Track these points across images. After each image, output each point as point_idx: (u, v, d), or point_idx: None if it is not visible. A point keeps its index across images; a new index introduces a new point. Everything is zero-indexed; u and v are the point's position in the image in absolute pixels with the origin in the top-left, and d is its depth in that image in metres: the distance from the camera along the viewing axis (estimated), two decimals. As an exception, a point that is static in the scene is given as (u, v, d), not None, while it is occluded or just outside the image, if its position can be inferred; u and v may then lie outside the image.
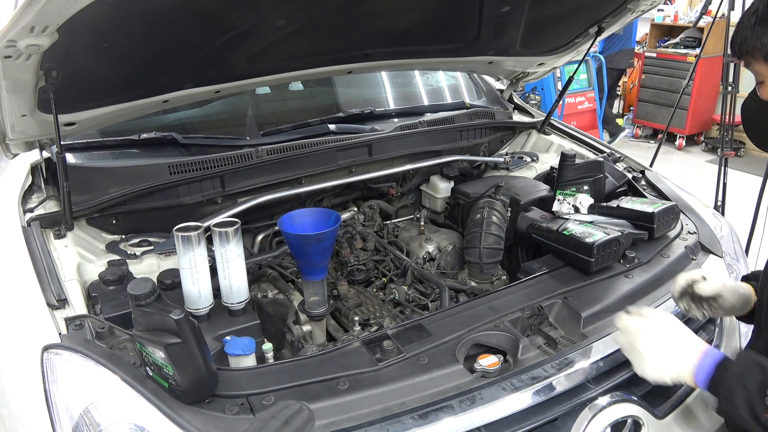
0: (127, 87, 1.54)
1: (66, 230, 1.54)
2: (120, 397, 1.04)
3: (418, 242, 1.96)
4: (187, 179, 1.70)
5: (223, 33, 1.45)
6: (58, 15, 1.07)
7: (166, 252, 1.59)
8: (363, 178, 1.99)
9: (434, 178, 2.19)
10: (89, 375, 1.07)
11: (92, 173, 1.66)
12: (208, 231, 1.40)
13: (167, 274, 1.48)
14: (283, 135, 2.02)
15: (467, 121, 2.25)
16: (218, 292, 1.40)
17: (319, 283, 1.54)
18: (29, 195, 1.66)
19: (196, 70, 1.59)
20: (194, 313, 1.35)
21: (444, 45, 1.98)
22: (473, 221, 1.83)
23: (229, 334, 1.32)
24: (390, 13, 1.69)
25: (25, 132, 1.48)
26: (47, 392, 1.07)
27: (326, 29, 1.62)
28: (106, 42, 1.29)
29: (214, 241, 1.36)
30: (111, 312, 1.33)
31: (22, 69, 1.22)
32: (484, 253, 1.76)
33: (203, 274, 1.33)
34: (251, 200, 1.78)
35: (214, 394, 1.10)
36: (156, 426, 1.01)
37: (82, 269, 1.47)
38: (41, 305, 1.24)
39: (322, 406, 1.08)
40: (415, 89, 2.65)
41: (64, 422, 1.04)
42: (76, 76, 1.35)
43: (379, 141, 2.02)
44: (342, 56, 1.83)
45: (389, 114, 2.34)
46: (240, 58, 1.61)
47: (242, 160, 1.78)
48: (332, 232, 1.48)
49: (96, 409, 1.03)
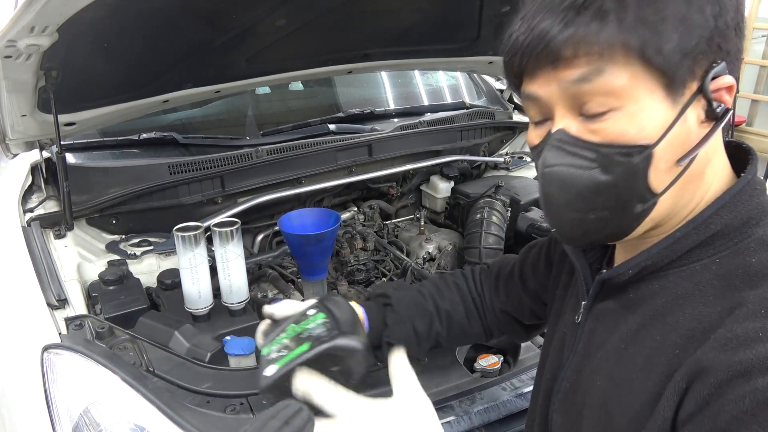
0: (127, 87, 1.54)
1: (66, 230, 1.54)
2: (120, 397, 1.04)
3: (418, 242, 1.96)
4: (187, 179, 1.70)
5: (223, 33, 1.44)
6: (58, 15, 1.07)
7: (166, 252, 1.59)
8: (363, 178, 1.99)
9: (434, 178, 2.19)
10: (89, 375, 1.07)
11: (92, 173, 1.66)
12: (208, 231, 1.40)
13: (167, 274, 1.48)
14: (283, 135, 2.02)
15: (467, 121, 2.25)
16: (218, 292, 1.40)
17: (319, 283, 1.54)
18: (29, 195, 1.66)
19: (196, 70, 1.59)
20: (194, 313, 1.35)
21: (444, 45, 1.98)
22: (473, 221, 1.83)
23: (229, 334, 1.32)
24: (390, 13, 1.69)
25: (25, 132, 1.48)
26: (47, 392, 1.07)
27: (326, 29, 1.62)
28: (106, 42, 1.29)
29: (214, 241, 1.36)
30: (111, 312, 1.33)
31: (22, 69, 1.21)
32: (484, 253, 1.76)
33: (203, 274, 1.33)
34: (251, 200, 1.78)
35: (214, 394, 1.10)
36: (156, 426, 1.01)
37: (82, 269, 1.47)
38: (41, 305, 1.24)
39: (322, 406, 1.08)
40: (415, 89, 2.65)
41: (64, 422, 1.04)
42: (76, 76, 1.35)
43: (379, 141, 2.02)
44: (342, 56, 1.83)
45: (389, 114, 2.34)
46: (240, 58, 1.61)
47: (242, 160, 1.78)
48: (332, 232, 1.48)
49: (96, 409, 1.03)
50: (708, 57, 0.61)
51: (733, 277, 0.62)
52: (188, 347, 1.23)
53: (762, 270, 0.60)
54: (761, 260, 0.61)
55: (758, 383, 0.52)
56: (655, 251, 0.67)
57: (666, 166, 0.63)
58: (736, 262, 0.62)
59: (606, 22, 0.59)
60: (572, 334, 0.81)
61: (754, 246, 0.62)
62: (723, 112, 0.63)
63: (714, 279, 0.63)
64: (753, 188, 0.66)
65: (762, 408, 0.52)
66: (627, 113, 0.62)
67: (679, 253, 0.66)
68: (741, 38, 0.64)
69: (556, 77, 0.64)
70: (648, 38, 0.59)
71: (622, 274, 0.71)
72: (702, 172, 0.66)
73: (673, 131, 0.62)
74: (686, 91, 0.62)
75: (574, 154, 0.65)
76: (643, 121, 0.62)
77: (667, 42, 0.59)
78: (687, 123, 0.63)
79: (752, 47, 5.78)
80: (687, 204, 0.67)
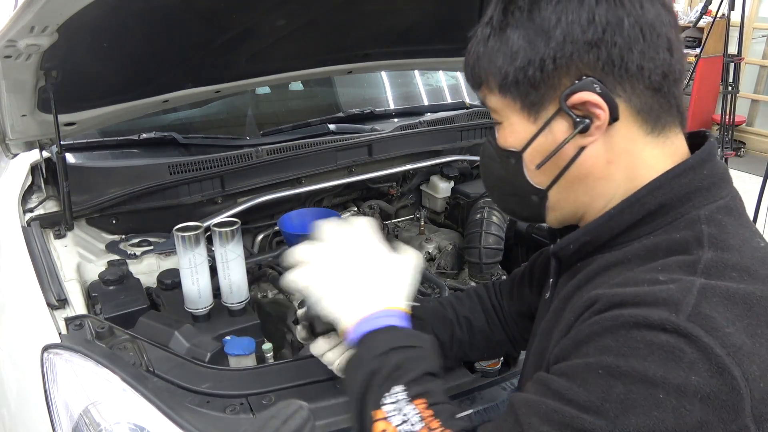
0: (127, 87, 1.54)
1: (66, 230, 1.54)
2: (120, 397, 1.04)
3: (418, 242, 1.96)
4: (187, 179, 1.70)
5: (223, 33, 1.45)
6: (58, 15, 1.07)
7: (166, 252, 1.59)
8: (363, 178, 1.99)
9: (434, 178, 2.19)
10: (89, 375, 1.07)
11: (92, 173, 1.66)
12: (208, 231, 1.40)
13: (167, 274, 1.48)
14: (283, 135, 2.02)
15: (467, 121, 2.25)
16: (218, 292, 1.40)
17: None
18: (29, 195, 1.67)
19: (196, 70, 1.59)
20: (194, 313, 1.35)
21: (444, 45, 1.98)
22: (473, 221, 1.83)
23: (229, 334, 1.32)
24: (390, 13, 1.69)
25: (25, 132, 1.48)
26: (47, 392, 1.07)
27: (326, 29, 1.62)
28: (106, 42, 1.29)
29: (214, 241, 1.36)
30: (111, 312, 1.33)
31: (22, 69, 1.21)
32: (484, 253, 1.76)
33: (203, 274, 1.33)
34: (251, 200, 1.78)
35: (214, 394, 1.10)
36: (156, 426, 1.01)
37: (82, 269, 1.47)
38: (41, 305, 1.24)
39: (322, 406, 1.08)
40: (415, 89, 2.65)
41: (64, 422, 1.04)
42: (76, 76, 1.35)
43: (379, 141, 2.02)
44: (342, 56, 1.83)
45: (389, 114, 2.34)
46: (240, 58, 1.61)
47: (242, 160, 1.78)
48: (332, 232, 1.48)
49: (96, 409, 1.03)
50: (567, 75, 0.72)
51: (657, 249, 0.70)
52: (188, 347, 1.23)
53: (682, 244, 0.68)
54: (684, 236, 0.69)
55: (625, 311, 0.62)
56: (592, 227, 0.77)
57: (535, 168, 0.78)
58: (664, 237, 0.71)
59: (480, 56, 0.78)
60: (543, 310, 0.89)
61: (683, 224, 0.70)
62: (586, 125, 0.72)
63: (641, 250, 0.71)
64: (695, 171, 0.72)
65: (618, 328, 0.62)
66: (504, 126, 0.80)
67: (617, 230, 0.74)
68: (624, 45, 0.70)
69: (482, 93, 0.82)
70: (500, 68, 0.75)
71: (565, 248, 0.81)
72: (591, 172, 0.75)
73: (537, 141, 0.76)
74: (550, 107, 0.74)
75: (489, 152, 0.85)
76: (513, 133, 0.79)
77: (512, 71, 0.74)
78: (553, 133, 0.75)
79: (752, 47, 5.79)
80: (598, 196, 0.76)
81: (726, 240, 0.67)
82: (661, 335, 0.59)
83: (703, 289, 0.62)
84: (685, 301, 0.61)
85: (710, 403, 0.57)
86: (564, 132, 0.74)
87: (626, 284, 0.66)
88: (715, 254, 0.65)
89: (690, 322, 0.59)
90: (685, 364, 0.58)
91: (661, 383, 0.58)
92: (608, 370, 0.61)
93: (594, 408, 0.60)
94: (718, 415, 0.58)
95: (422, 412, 0.70)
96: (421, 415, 0.69)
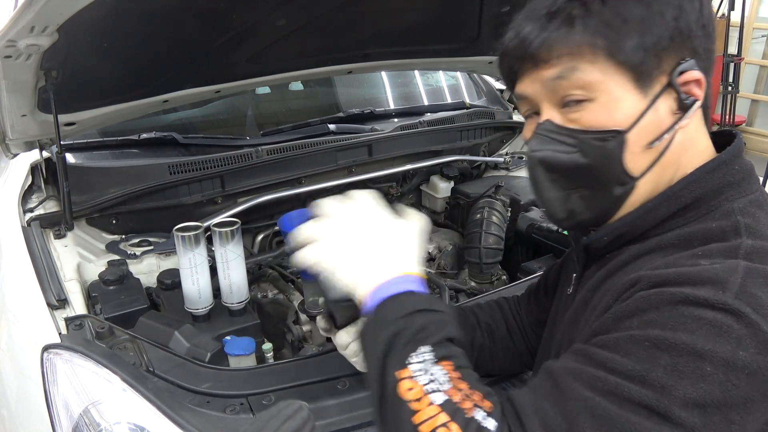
0: (127, 87, 1.54)
1: (66, 230, 1.54)
2: (120, 397, 1.04)
3: (418, 242, 1.96)
4: (187, 179, 1.70)
5: (223, 33, 1.44)
6: (58, 15, 1.06)
7: (166, 252, 1.59)
8: (363, 178, 1.99)
9: (434, 178, 2.19)
10: (89, 375, 1.07)
11: (92, 173, 1.66)
12: (208, 231, 1.40)
13: (167, 274, 1.48)
14: (283, 135, 2.02)
15: (467, 121, 2.25)
16: (218, 292, 1.40)
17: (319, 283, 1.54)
18: (29, 195, 1.66)
19: (196, 70, 1.59)
20: (194, 313, 1.35)
21: (444, 45, 1.98)
22: (473, 221, 1.83)
23: (229, 334, 1.32)
24: (390, 13, 1.69)
25: (25, 132, 1.48)
26: (47, 392, 1.07)
27: (326, 29, 1.62)
28: (106, 42, 1.29)
29: (214, 241, 1.36)
30: (111, 312, 1.33)
31: (22, 69, 1.21)
32: (484, 253, 1.76)
33: (203, 274, 1.33)
34: (251, 200, 1.78)
35: (214, 394, 1.10)
36: (156, 426, 1.01)
37: (82, 269, 1.47)
38: (41, 305, 1.24)
39: (322, 406, 1.08)
40: (415, 89, 2.65)
41: (64, 422, 1.04)
42: (76, 76, 1.35)
43: (379, 141, 2.02)
44: (342, 56, 1.83)
45: (389, 114, 2.34)
46: (240, 58, 1.61)
47: (242, 160, 1.78)
48: (332, 232, 1.48)
49: (96, 409, 1.03)
50: (674, 54, 0.70)
51: (692, 239, 0.70)
52: (188, 347, 1.23)
53: (719, 233, 0.69)
54: (720, 225, 0.69)
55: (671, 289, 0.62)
56: (629, 219, 0.75)
57: (639, 150, 0.72)
58: (699, 227, 0.71)
59: (573, 27, 0.70)
60: (565, 304, 0.88)
61: (718, 215, 0.71)
62: (691, 103, 0.71)
63: (675, 239, 0.71)
64: (728, 167, 0.73)
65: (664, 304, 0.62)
66: (600, 103, 0.71)
67: (652, 223, 0.74)
68: (709, 39, 0.73)
69: (539, 76, 0.74)
70: (611, 38, 0.69)
71: (599, 240, 0.79)
72: (677, 160, 0.74)
73: (645, 118, 0.71)
74: (656, 84, 0.71)
75: (557, 141, 0.75)
76: (616, 110, 0.71)
77: (628, 41, 0.69)
78: (659, 112, 0.71)
79: (752, 47, 5.78)
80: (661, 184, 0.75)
81: (761, 230, 0.68)
82: (709, 312, 0.60)
83: (747, 269, 0.63)
84: (731, 280, 0.61)
85: (756, 379, 0.58)
86: (667, 111, 0.72)
87: (668, 267, 0.67)
88: (754, 242, 0.67)
89: (738, 300, 0.60)
90: (734, 339, 0.58)
91: (709, 356, 0.58)
92: (655, 342, 0.60)
93: (639, 377, 0.60)
94: (763, 392, 0.59)
95: (450, 373, 0.68)
96: (449, 376, 0.67)
